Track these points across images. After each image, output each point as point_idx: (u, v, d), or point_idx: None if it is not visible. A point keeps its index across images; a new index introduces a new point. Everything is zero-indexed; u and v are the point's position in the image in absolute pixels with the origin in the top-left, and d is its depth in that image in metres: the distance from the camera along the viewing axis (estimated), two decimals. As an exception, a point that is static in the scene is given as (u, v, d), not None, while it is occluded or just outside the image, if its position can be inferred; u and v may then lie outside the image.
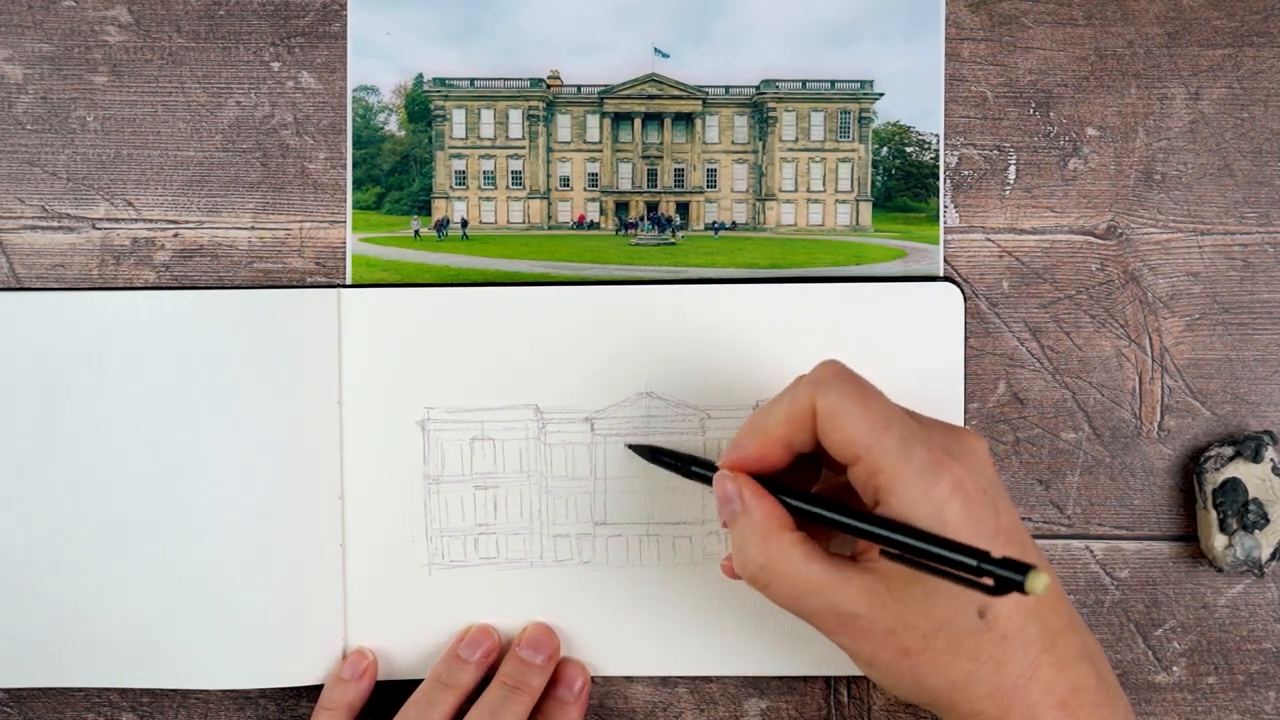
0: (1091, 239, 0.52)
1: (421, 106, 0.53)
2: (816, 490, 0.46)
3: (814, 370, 0.42)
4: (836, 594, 0.39)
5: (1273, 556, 0.50)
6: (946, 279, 0.52)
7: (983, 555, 0.34)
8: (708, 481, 0.45)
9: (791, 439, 0.41)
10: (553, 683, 0.50)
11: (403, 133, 0.53)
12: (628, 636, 0.51)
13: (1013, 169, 0.52)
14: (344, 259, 0.52)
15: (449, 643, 0.51)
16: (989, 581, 0.34)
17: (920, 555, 0.36)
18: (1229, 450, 0.50)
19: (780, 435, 0.41)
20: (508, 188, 0.54)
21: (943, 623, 0.38)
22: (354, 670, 0.50)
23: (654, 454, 0.49)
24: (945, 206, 0.52)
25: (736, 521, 0.42)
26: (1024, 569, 0.33)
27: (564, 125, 0.53)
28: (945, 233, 0.52)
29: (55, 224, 0.52)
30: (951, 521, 0.37)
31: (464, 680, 0.49)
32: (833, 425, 0.40)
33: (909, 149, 0.52)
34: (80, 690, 0.52)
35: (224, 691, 0.52)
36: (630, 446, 0.50)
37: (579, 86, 0.53)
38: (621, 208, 0.53)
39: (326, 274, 0.52)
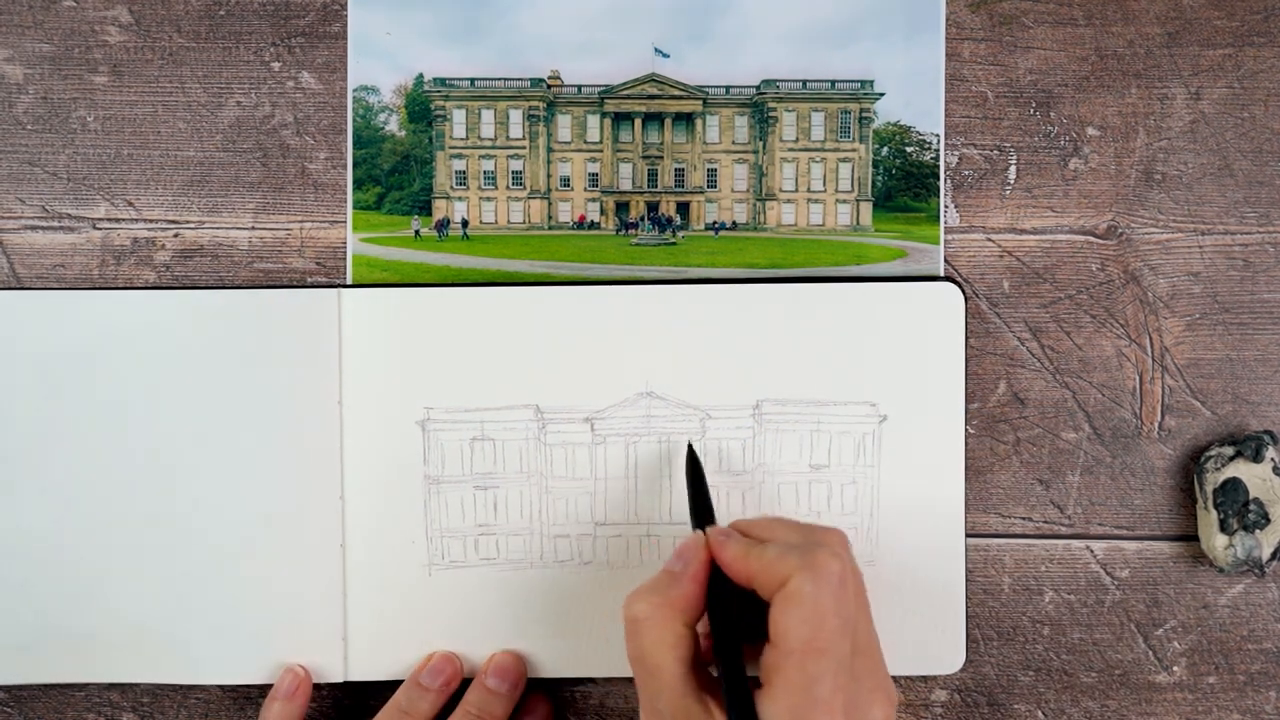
0: (1092, 239, 0.52)
1: (422, 106, 0.53)
2: None
3: (828, 550, 0.40)
4: (669, 695, 0.39)
5: (1273, 556, 0.50)
6: (947, 279, 0.52)
7: None
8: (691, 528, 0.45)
9: (760, 582, 0.40)
10: (518, 713, 0.50)
11: (403, 133, 0.53)
12: (628, 636, 0.51)
13: (1013, 169, 0.52)
14: (344, 259, 0.52)
15: (414, 668, 0.50)
16: None
17: None
18: (1229, 450, 0.50)
19: (753, 571, 0.41)
20: (508, 188, 0.54)
21: None
22: (288, 689, 0.49)
23: (693, 474, 0.48)
24: (945, 206, 0.52)
25: (664, 574, 0.42)
26: None
27: (564, 125, 0.53)
28: (945, 233, 0.52)
29: (55, 224, 0.52)
30: None
31: (423, 708, 0.49)
32: (784, 606, 0.39)
33: (909, 149, 0.52)
34: (80, 690, 0.52)
35: (224, 689, 0.52)
36: (691, 447, 0.50)
37: (579, 86, 0.53)
38: (622, 208, 0.53)
39: (327, 274, 0.52)
